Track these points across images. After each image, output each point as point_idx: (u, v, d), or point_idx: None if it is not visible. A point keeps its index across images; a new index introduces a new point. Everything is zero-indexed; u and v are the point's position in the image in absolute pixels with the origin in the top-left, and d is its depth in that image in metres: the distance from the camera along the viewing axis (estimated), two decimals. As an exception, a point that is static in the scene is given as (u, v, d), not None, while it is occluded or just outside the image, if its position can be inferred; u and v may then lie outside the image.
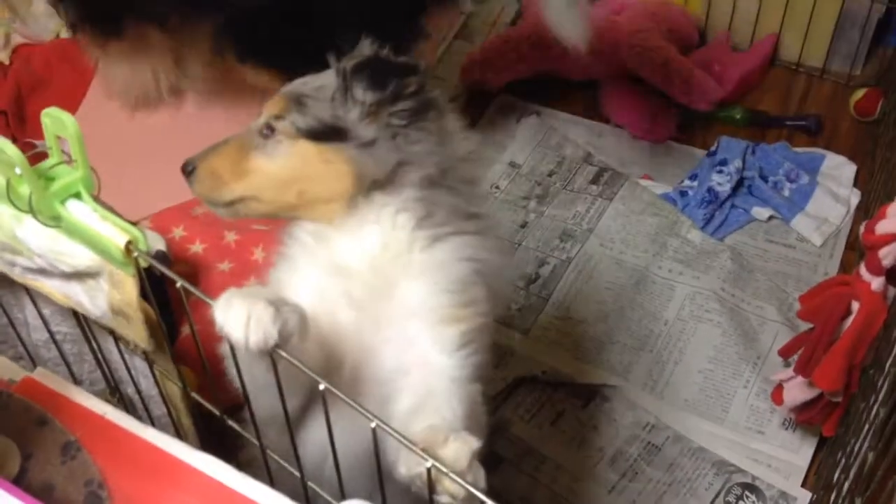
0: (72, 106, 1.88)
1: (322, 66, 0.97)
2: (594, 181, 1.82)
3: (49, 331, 1.05)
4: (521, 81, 1.94)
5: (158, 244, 1.51)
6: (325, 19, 1.49)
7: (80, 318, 0.99)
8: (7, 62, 1.94)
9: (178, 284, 0.75)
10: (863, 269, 1.12)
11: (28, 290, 1.00)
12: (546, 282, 1.67)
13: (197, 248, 1.67)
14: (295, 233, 0.97)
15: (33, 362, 1.08)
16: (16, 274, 0.90)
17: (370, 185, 0.92)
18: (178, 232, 1.68)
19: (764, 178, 1.79)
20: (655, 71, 1.85)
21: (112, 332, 0.94)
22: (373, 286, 0.93)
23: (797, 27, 1.96)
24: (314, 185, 0.93)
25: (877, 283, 1.13)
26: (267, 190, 0.94)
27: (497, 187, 1.82)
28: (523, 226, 1.76)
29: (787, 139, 1.87)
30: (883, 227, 1.06)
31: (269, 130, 0.94)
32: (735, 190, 1.77)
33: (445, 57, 2.05)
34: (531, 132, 1.91)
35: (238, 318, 0.75)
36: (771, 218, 1.75)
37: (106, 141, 1.71)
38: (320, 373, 0.74)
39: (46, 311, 1.02)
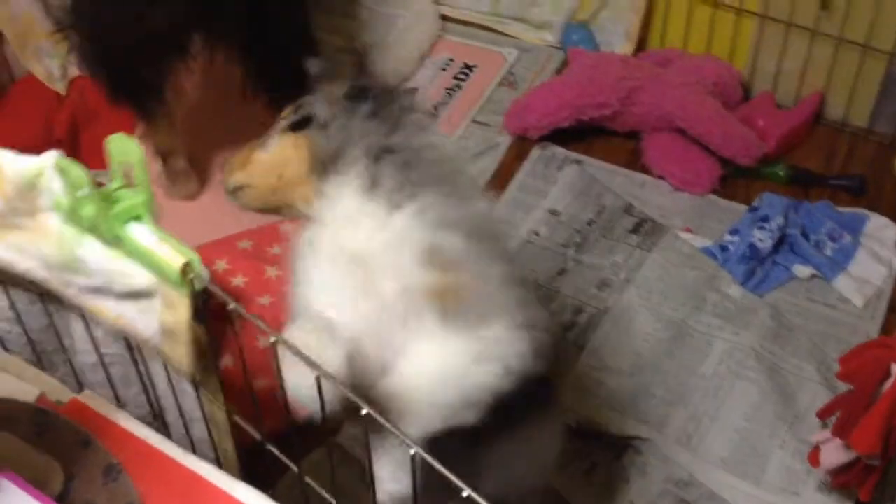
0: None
1: None
2: (634, 231, 1.82)
3: (98, 353, 1.06)
4: (564, 130, 1.96)
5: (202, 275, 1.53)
6: None
7: (128, 340, 1.01)
8: (64, 93, 1.98)
9: (231, 306, 0.76)
10: (910, 331, 1.11)
11: (82, 312, 1.02)
12: (582, 330, 1.66)
13: (239, 280, 1.70)
14: (297, 243, 1.08)
15: (80, 385, 1.09)
16: (71, 293, 0.92)
17: (327, 166, 1.03)
18: (221, 264, 1.71)
19: (806, 236, 1.78)
20: (699, 124, 1.86)
21: (160, 355, 0.95)
22: (367, 268, 1.00)
23: (842, 87, 1.96)
24: (288, 168, 1.05)
25: (921, 345, 1.12)
26: (257, 176, 1.07)
27: (536, 233, 1.82)
28: (561, 273, 1.76)
29: (830, 198, 1.87)
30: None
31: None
32: (777, 247, 1.77)
33: (488, 105, 2.07)
34: (572, 180, 1.92)
35: (310, 391, 0.81)
36: (812, 277, 1.74)
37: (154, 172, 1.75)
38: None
39: (98, 333, 1.04)
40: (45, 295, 1.00)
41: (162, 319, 0.85)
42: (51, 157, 0.81)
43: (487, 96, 2.09)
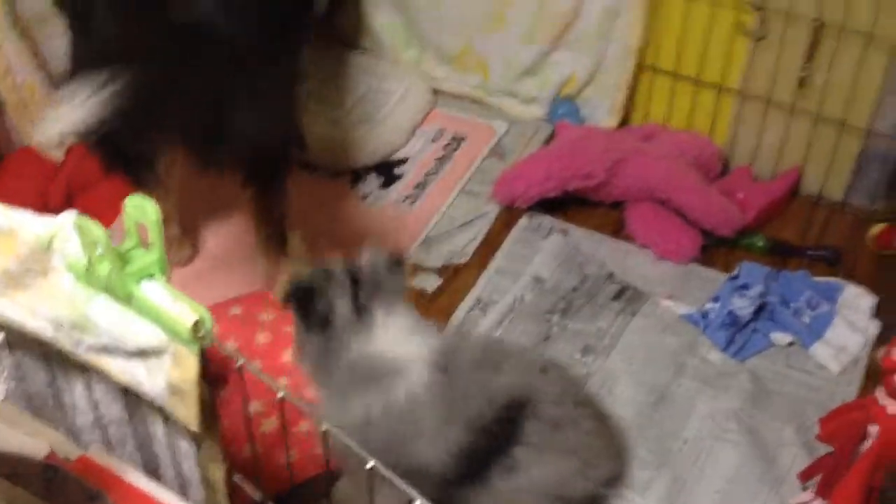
0: (118, 206, 1.96)
1: None
2: (616, 298, 1.87)
3: (97, 413, 1.09)
4: (551, 200, 2.02)
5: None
6: None
7: (128, 401, 1.04)
8: (61, 160, 2.03)
9: (239, 363, 0.80)
10: (881, 393, 1.16)
11: (81, 372, 1.05)
12: (568, 394, 1.70)
13: (230, 346, 1.73)
14: None
15: (77, 444, 1.12)
16: (80, 352, 0.95)
17: None
18: (213, 329, 1.74)
19: (785, 305, 1.83)
20: (681, 195, 1.93)
21: (162, 413, 0.99)
22: None
23: (819, 162, 2.04)
24: None
25: (893, 407, 1.16)
26: None
27: (522, 300, 1.87)
28: (546, 339, 1.80)
29: (807, 268, 1.93)
30: (903, 353, 1.11)
31: None
32: (756, 314, 1.82)
33: (477, 175, 2.13)
34: (557, 248, 1.97)
35: None
36: (791, 344, 1.79)
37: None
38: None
39: (97, 394, 1.07)
40: (47, 354, 1.04)
41: (170, 377, 0.88)
42: (68, 217, 0.86)
43: (477, 167, 2.15)
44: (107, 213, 1.91)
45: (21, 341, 1.03)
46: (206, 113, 1.45)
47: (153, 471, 1.15)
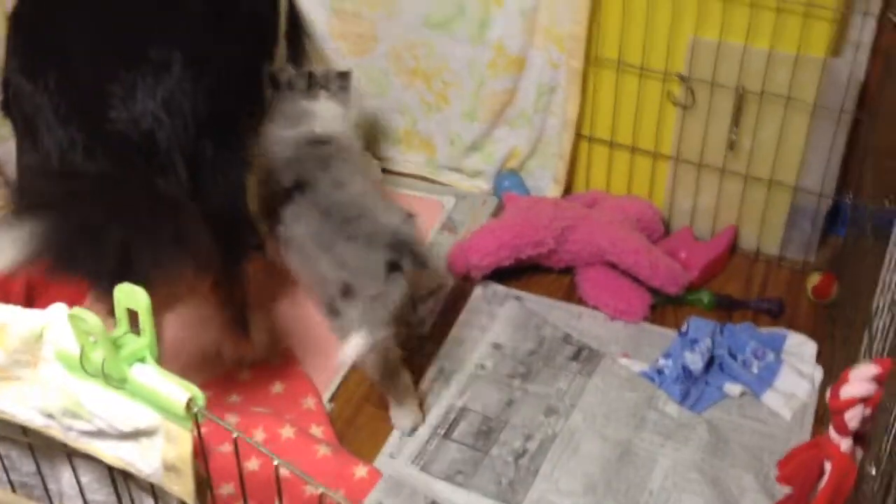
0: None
1: None
2: (574, 358, 1.94)
3: (84, 499, 1.12)
4: (503, 269, 2.09)
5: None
6: None
7: (116, 483, 1.07)
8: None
9: (235, 436, 0.84)
10: (832, 432, 1.23)
11: (69, 459, 1.08)
12: (534, 455, 1.75)
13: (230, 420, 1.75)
14: None
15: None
16: (70, 438, 0.98)
17: None
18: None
19: (733, 356, 1.91)
20: (628, 257, 2.01)
21: (153, 493, 1.01)
22: None
23: (753, 219, 2.15)
24: None
25: (845, 444, 1.23)
26: None
27: (483, 367, 1.93)
28: (509, 403, 1.85)
29: (752, 320, 2.02)
30: (847, 392, 1.18)
31: None
32: (707, 367, 1.90)
33: (433, 248, 2.20)
34: (513, 315, 2.04)
35: None
36: (743, 394, 1.87)
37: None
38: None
39: (84, 479, 1.10)
40: (33, 445, 1.06)
41: (164, 455, 0.92)
42: (60, 310, 0.90)
43: (429, 241, 2.22)
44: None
45: (8, 432, 1.05)
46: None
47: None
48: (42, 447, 1.07)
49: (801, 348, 1.94)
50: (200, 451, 0.94)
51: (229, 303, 1.81)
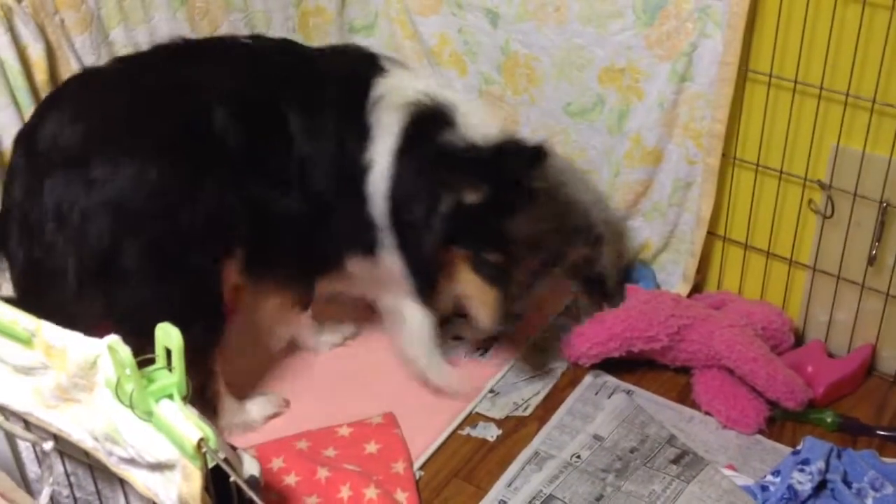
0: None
1: None
2: (675, 462, 1.87)
3: (134, 523, 1.19)
4: (619, 361, 2.06)
5: (253, 470, 1.63)
6: None
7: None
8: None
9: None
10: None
11: (122, 485, 1.15)
12: (616, 557, 1.70)
13: (291, 479, 1.81)
14: None
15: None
16: (112, 462, 1.06)
17: None
18: (277, 462, 1.84)
19: (847, 484, 1.79)
20: (744, 364, 1.94)
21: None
22: None
23: (894, 340, 2.02)
24: None
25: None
26: None
27: (578, 457, 1.89)
28: (599, 499, 1.81)
29: (878, 448, 1.88)
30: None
31: None
32: (817, 491, 1.78)
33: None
34: (620, 408, 2.00)
35: None
36: (852, 524, 1.75)
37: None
38: None
39: (134, 504, 1.17)
40: (93, 466, 1.15)
41: (179, 490, 0.97)
42: (108, 340, 0.98)
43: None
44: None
45: (70, 450, 1.14)
46: None
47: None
48: (102, 469, 1.15)
49: (926, 486, 1.79)
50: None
51: None
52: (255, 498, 0.87)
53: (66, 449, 1.15)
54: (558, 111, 2.20)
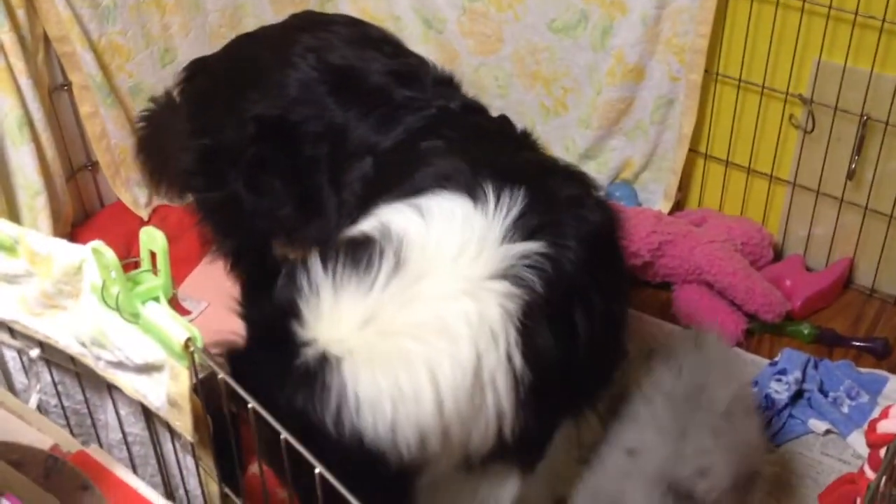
0: (196, 259, 2.12)
1: None
2: (656, 376, 1.90)
3: (122, 431, 1.20)
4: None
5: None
6: None
7: (148, 420, 1.15)
8: (146, 219, 2.21)
9: (250, 406, 0.89)
10: (866, 467, 1.17)
11: (110, 391, 1.17)
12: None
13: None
14: None
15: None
16: (100, 367, 1.07)
17: None
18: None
19: (824, 393, 1.83)
20: (724, 278, 1.96)
21: (169, 428, 1.08)
22: None
23: (871, 254, 2.04)
24: None
25: (882, 482, 1.17)
26: None
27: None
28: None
29: (853, 359, 1.92)
30: (884, 427, 1.13)
31: None
32: (794, 401, 1.82)
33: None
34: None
35: None
36: (828, 432, 1.79)
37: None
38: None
39: (122, 412, 1.18)
40: (81, 373, 1.16)
41: (168, 391, 0.98)
42: (91, 244, 0.98)
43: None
44: (183, 268, 2.08)
45: (57, 358, 1.15)
46: None
47: (170, 493, 1.24)
48: (90, 377, 1.16)
49: (900, 394, 1.84)
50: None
51: None
52: (242, 394, 0.88)
53: (53, 357, 1.16)
54: (542, 27, 2.18)
